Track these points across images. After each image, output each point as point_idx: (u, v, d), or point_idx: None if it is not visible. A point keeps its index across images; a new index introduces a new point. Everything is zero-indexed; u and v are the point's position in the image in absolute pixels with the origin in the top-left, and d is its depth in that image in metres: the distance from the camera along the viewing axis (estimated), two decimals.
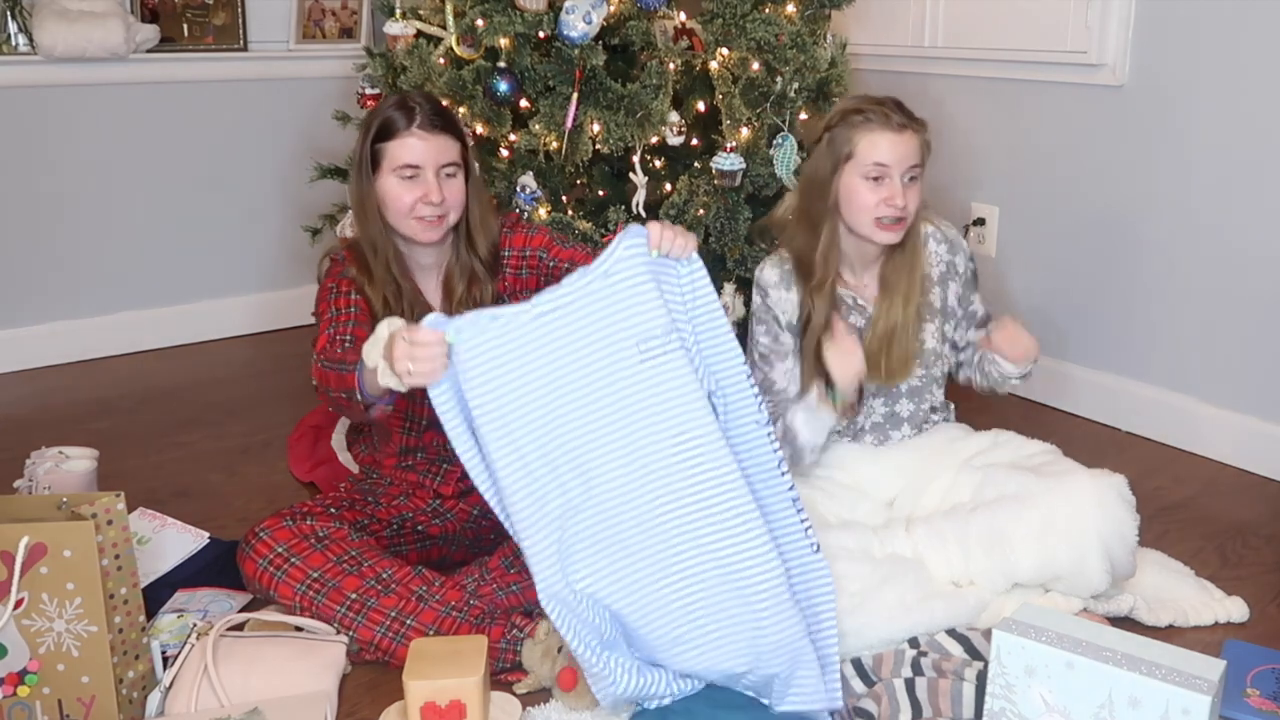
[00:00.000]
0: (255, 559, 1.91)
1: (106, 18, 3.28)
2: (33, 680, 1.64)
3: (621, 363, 1.61)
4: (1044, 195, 3.04)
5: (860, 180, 1.99)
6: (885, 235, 2.01)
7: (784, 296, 2.08)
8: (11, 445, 2.68)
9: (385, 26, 2.78)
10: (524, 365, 1.60)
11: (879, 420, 2.16)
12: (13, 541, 1.59)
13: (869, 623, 1.82)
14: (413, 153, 1.94)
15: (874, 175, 1.98)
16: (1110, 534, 1.89)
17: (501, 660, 1.83)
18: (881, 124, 1.98)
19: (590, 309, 1.61)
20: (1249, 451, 2.67)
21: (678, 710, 1.67)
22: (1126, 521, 1.92)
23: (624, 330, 1.61)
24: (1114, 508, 1.91)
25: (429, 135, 1.95)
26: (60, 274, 3.46)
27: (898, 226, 2.00)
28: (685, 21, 2.56)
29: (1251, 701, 1.73)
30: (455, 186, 1.99)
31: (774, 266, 2.11)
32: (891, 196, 1.97)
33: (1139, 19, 2.75)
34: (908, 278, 2.07)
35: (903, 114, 2.00)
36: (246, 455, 2.76)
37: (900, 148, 1.97)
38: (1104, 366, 2.98)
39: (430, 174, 1.95)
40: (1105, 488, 1.92)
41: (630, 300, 1.61)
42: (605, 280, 1.62)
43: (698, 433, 1.61)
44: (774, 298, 2.09)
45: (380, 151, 1.96)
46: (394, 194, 1.96)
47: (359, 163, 2.01)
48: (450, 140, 1.98)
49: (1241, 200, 2.62)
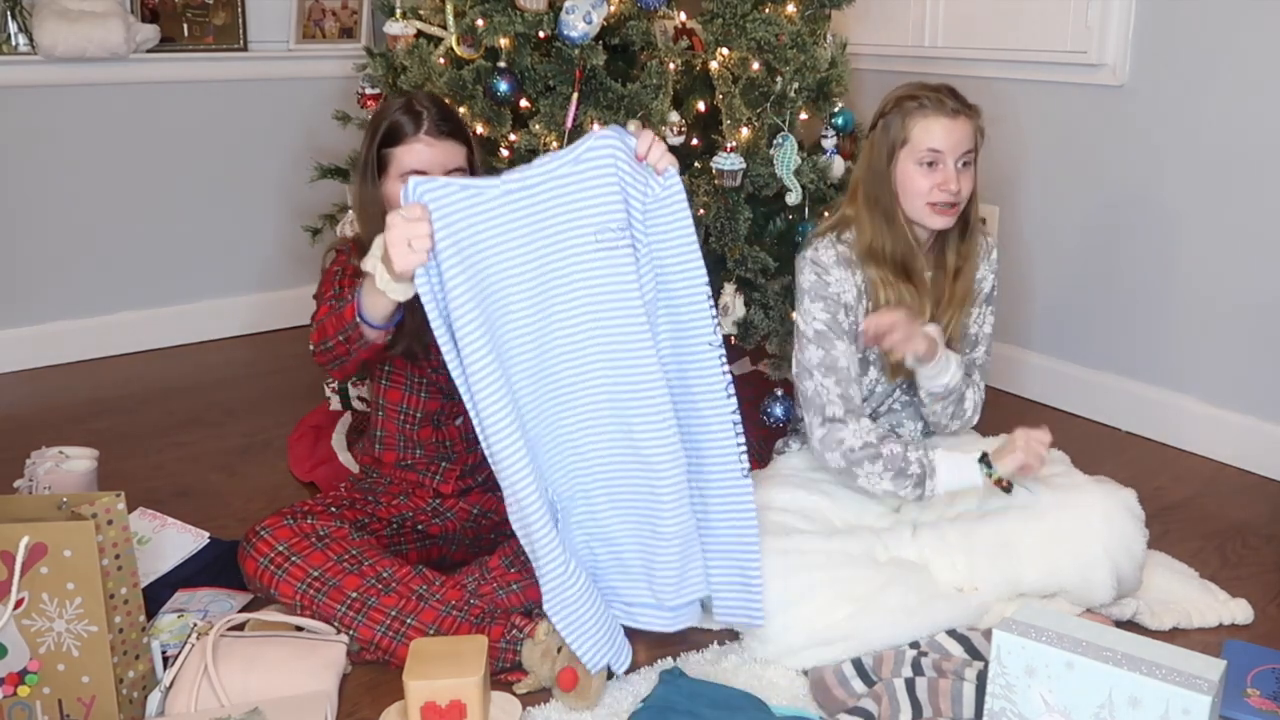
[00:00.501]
0: (256, 558, 1.91)
1: (106, 18, 3.28)
2: (33, 680, 1.64)
3: (577, 246, 1.68)
4: (1044, 195, 3.04)
5: (914, 166, 1.99)
6: (938, 220, 2.01)
7: (844, 276, 2.06)
8: (11, 445, 2.68)
9: (385, 26, 2.78)
10: (488, 236, 1.65)
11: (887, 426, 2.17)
12: (13, 541, 1.59)
13: (872, 626, 1.82)
14: (419, 159, 1.93)
15: (928, 160, 1.98)
16: (1117, 548, 1.89)
17: (501, 660, 1.83)
18: (935, 110, 1.98)
19: (555, 191, 1.68)
20: (1249, 451, 2.67)
21: (680, 710, 1.67)
22: (1134, 537, 1.92)
23: (584, 216, 1.68)
24: (1122, 523, 1.91)
25: (436, 141, 1.94)
26: (60, 274, 3.46)
27: (951, 211, 2.00)
28: (685, 21, 2.56)
29: (1251, 701, 1.73)
30: None
31: (828, 247, 2.08)
32: (945, 181, 1.97)
33: (1139, 19, 2.76)
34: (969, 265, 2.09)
35: (956, 100, 2.00)
36: (246, 455, 2.76)
37: (955, 133, 1.98)
38: (1104, 366, 2.98)
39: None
40: (1114, 503, 1.93)
41: (594, 189, 1.68)
42: (574, 166, 1.68)
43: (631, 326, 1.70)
44: (835, 276, 2.05)
45: (387, 156, 1.95)
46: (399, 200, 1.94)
47: (364, 165, 2.00)
48: (456, 145, 1.97)
49: (1241, 200, 2.62)
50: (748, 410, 2.20)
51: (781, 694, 1.77)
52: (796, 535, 1.95)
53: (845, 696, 1.74)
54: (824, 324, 2.05)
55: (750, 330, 2.54)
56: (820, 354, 2.04)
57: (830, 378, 2.03)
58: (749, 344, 2.59)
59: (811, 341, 2.05)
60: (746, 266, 2.52)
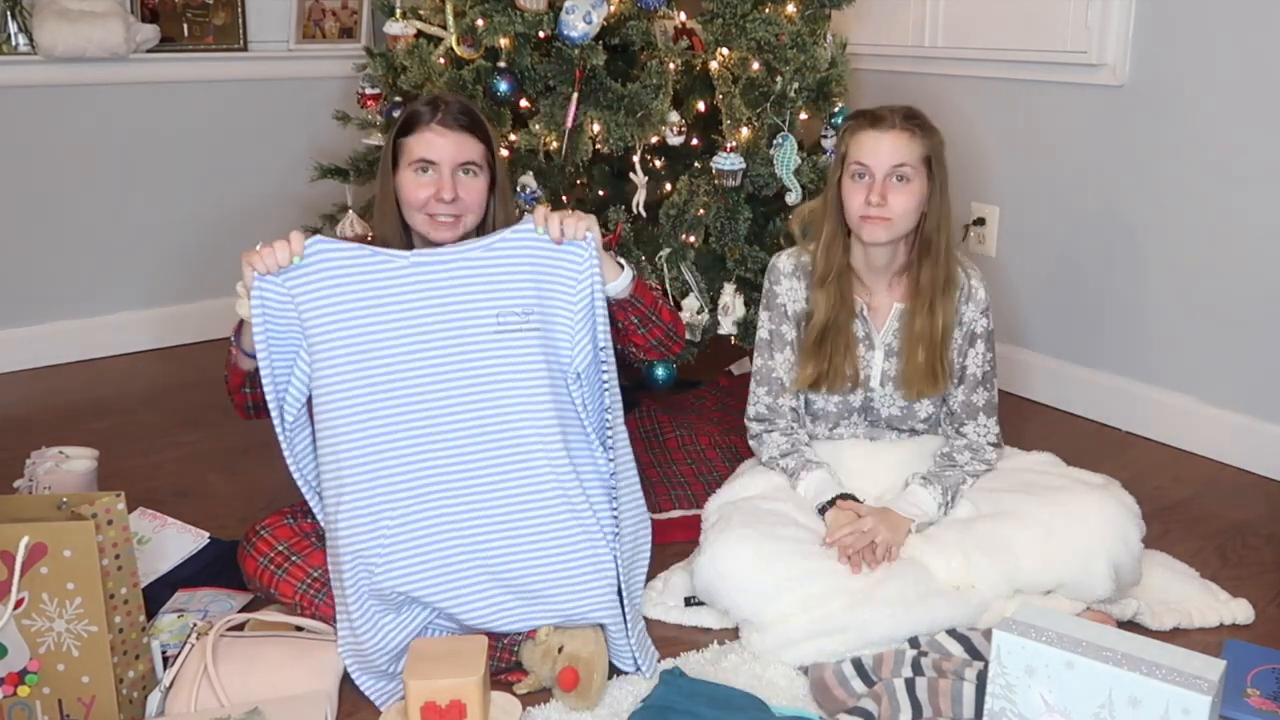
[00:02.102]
0: (256, 557, 1.91)
1: (106, 18, 3.28)
2: (33, 680, 1.64)
3: (478, 326, 1.78)
4: (1044, 195, 3.03)
5: (849, 180, 2.02)
6: (868, 232, 2.01)
7: (793, 286, 2.12)
8: (11, 445, 2.68)
9: (385, 26, 2.78)
10: (385, 298, 1.75)
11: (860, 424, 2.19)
12: (13, 541, 1.59)
13: (871, 618, 1.82)
14: (429, 148, 1.89)
15: (858, 173, 2.00)
16: (1114, 540, 1.91)
17: (501, 660, 1.83)
18: (870, 124, 2.00)
19: (464, 271, 1.79)
20: (1249, 451, 2.67)
21: (679, 710, 1.67)
22: (1130, 528, 1.93)
23: (488, 299, 1.78)
24: (1116, 515, 1.93)
25: (448, 131, 1.89)
26: (60, 274, 3.46)
27: (879, 223, 1.99)
28: (685, 21, 2.56)
29: (1251, 701, 1.73)
30: (473, 186, 1.92)
31: (789, 257, 2.15)
32: (870, 193, 1.98)
33: (1139, 19, 2.75)
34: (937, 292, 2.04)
35: (898, 117, 1.99)
36: (246, 455, 2.76)
37: (882, 146, 1.98)
38: (1104, 366, 2.98)
39: (446, 170, 1.88)
40: (1106, 497, 1.95)
41: (502, 273, 1.79)
42: (486, 251, 1.80)
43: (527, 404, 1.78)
44: (784, 286, 2.13)
45: (400, 146, 1.92)
46: (408, 188, 1.91)
47: (383, 157, 1.97)
48: (472, 140, 1.92)
49: (1241, 200, 2.62)
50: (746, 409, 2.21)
51: (781, 694, 1.77)
52: (792, 524, 1.97)
53: (845, 696, 1.74)
54: (767, 333, 2.15)
55: (750, 330, 2.54)
56: (759, 361, 2.16)
57: (762, 386, 2.15)
58: (749, 344, 2.59)
59: (756, 347, 2.17)
60: (746, 266, 2.52)
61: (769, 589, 1.85)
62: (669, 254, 2.47)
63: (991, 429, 2.13)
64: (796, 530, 1.95)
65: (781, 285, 2.13)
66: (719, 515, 2.03)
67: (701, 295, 2.49)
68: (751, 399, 2.18)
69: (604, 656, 1.77)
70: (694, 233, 2.47)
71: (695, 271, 2.50)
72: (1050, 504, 1.96)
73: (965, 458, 2.10)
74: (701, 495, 2.27)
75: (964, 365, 2.11)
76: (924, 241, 2.05)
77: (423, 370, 1.76)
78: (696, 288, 2.49)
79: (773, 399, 2.14)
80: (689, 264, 2.49)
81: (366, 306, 1.75)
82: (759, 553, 1.88)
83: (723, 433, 2.75)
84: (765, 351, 2.15)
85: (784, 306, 2.13)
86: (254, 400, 1.95)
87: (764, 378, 2.15)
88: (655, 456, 2.64)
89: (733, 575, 1.88)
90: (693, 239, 2.48)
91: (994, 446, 2.13)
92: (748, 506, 2.01)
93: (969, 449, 2.11)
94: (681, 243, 2.47)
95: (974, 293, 2.10)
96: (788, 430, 2.14)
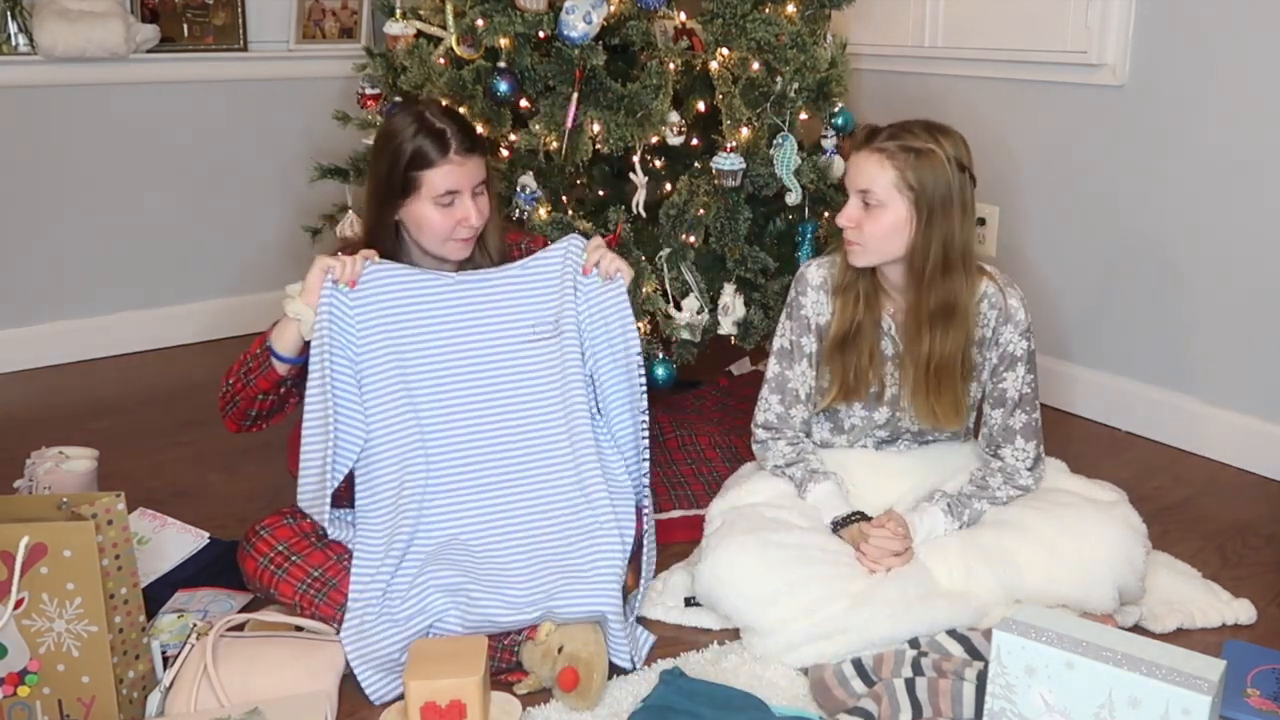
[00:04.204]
0: (256, 557, 1.91)
1: (106, 18, 3.28)
2: (33, 680, 1.64)
3: (514, 334, 1.97)
4: (1044, 195, 3.04)
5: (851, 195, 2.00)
6: (849, 253, 2.00)
7: (819, 299, 2.08)
8: (11, 445, 2.68)
9: (385, 26, 2.78)
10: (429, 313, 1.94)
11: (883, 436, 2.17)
12: (13, 541, 1.59)
13: (872, 619, 1.82)
14: (452, 180, 1.93)
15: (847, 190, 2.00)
16: (1119, 563, 1.91)
17: (501, 660, 1.83)
18: (860, 139, 1.98)
19: (504, 287, 1.98)
20: (1249, 451, 2.67)
21: (679, 710, 1.67)
22: (1135, 549, 1.93)
23: (524, 310, 1.97)
24: (1121, 538, 1.93)
25: (466, 160, 1.94)
26: (60, 274, 3.46)
27: (853, 246, 1.97)
28: (685, 21, 2.56)
29: (1251, 701, 1.73)
30: (485, 202, 2.00)
31: (819, 268, 2.10)
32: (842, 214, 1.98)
33: (1139, 19, 2.75)
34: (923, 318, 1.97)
35: (883, 135, 1.94)
36: (246, 455, 2.76)
37: (852, 167, 1.98)
38: (1104, 366, 2.98)
39: (467, 197, 1.94)
40: (1112, 518, 1.95)
41: (537, 288, 1.98)
42: (523, 270, 2.00)
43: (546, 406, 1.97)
44: (810, 298, 2.08)
45: (416, 179, 1.93)
46: (433, 220, 1.94)
47: (385, 185, 1.96)
48: (480, 159, 1.98)
49: (1241, 200, 2.62)
50: (747, 409, 2.21)
51: (781, 694, 1.77)
52: (795, 530, 1.96)
53: (845, 696, 1.74)
54: (788, 343, 2.12)
55: (750, 330, 2.54)
56: (776, 369, 2.13)
57: (775, 395, 2.12)
58: (749, 344, 2.59)
59: (774, 354, 2.13)
60: (746, 266, 2.52)
61: (770, 596, 1.85)
62: (669, 254, 2.47)
63: (1030, 452, 2.05)
64: (800, 537, 1.94)
65: (808, 297, 2.08)
66: (722, 520, 2.02)
67: (701, 295, 2.49)
68: (762, 405, 2.14)
69: (604, 657, 1.77)
70: (694, 233, 2.47)
71: (695, 271, 2.50)
72: (1056, 521, 1.95)
73: (998, 481, 2.04)
74: (701, 495, 2.28)
75: (1003, 388, 2.05)
76: (912, 272, 1.96)
77: (464, 376, 1.94)
78: (696, 288, 2.49)
79: (785, 409, 2.11)
80: (689, 264, 2.49)
81: (414, 322, 1.93)
82: (761, 561, 1.87)
83: (723, 433, 2.75)
84: (783, 360, 2.11)
85: (807, 319, 2.08)
86: (260, 409, 2.02)
87: (778, 386, 2.12)
88: (655, 456, 2.64)
89: (734, 583, 1.88)
90: (693, 239, 2.48)
91: (1030, 471, 2.05)
92: (752, 513, 2.00)
93: (1002, 472, 2.05)
94: (681, 243, 2.47)
95: (1013, 314, 2.01)
96: (794, 440, 2.12)
